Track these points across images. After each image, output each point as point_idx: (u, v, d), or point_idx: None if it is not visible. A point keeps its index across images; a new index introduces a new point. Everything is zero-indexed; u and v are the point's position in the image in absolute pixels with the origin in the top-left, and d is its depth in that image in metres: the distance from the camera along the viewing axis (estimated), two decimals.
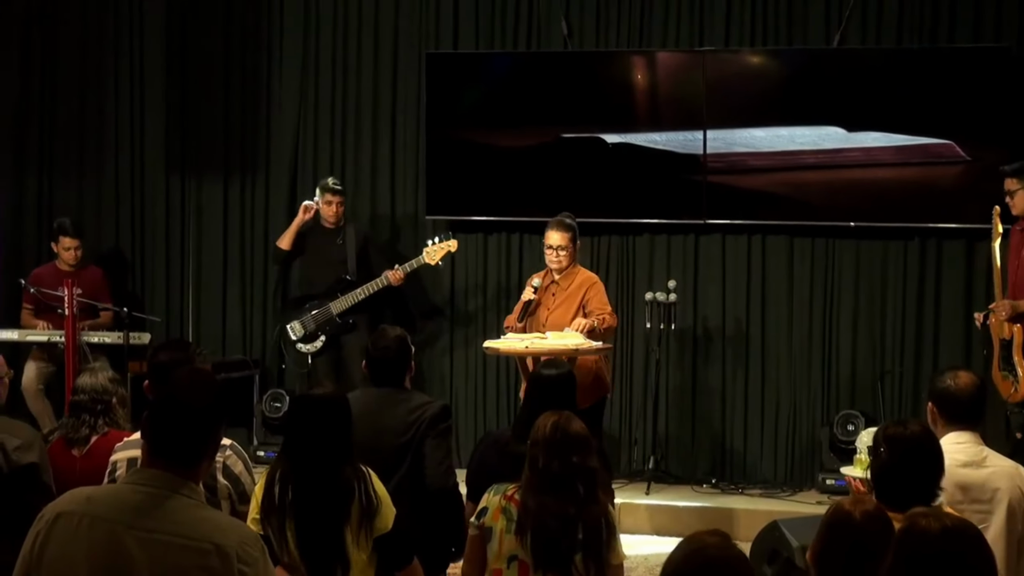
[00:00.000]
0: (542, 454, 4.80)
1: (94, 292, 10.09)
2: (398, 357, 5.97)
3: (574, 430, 4.84)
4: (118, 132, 11.07)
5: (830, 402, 9.83)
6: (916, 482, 4.41)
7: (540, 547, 4.72)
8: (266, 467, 4.97)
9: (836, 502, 3.93)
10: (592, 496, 4.77)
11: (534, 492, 4.77)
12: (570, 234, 8.61)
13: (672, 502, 9.23)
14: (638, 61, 10.07)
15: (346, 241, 9.93)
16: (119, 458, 5.17)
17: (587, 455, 4.81)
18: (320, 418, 4.88)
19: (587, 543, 4.72)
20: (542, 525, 4.72)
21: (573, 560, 4.71)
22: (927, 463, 4.48)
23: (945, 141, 9.43)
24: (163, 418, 3.54)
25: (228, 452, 5.09)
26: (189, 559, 3.38)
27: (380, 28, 10.60)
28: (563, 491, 4.73)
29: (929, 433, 4.62)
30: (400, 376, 5.99)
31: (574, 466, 4.75)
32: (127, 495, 3.50)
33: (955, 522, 3.32)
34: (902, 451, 4.45)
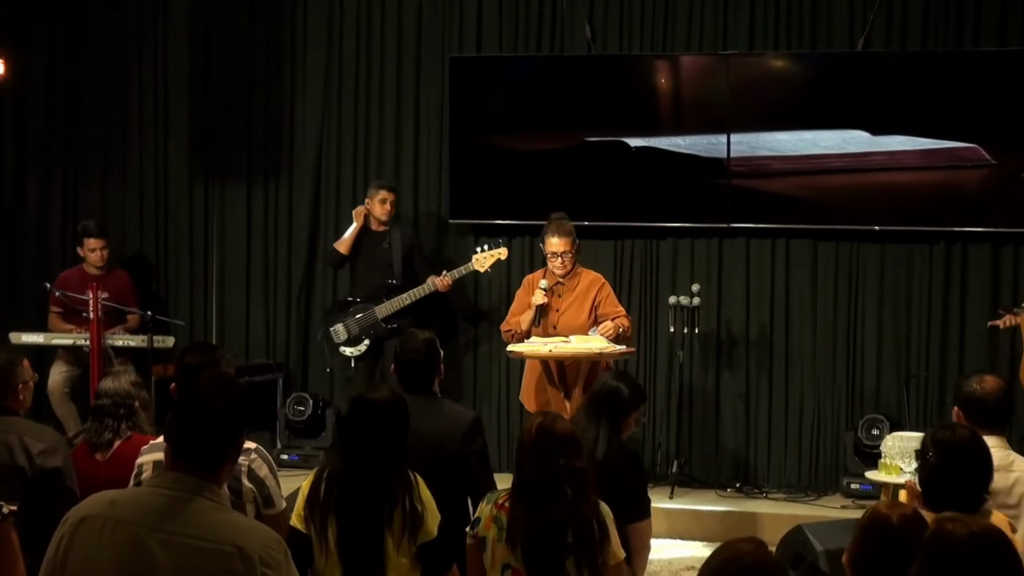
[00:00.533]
0: (527, 459, 4.78)
1: (121, 295, 10.12)
2: (426, 361, 5.95)
3: (559, 430, 4.80)
4: (142, 136, 11.10)
5: (854, 406, 9.80)
6: (964, 487, 4.40)
7: (530, 554, 4.70)
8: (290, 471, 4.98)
9: (872, 506, 3.93)
10: (581, 497, 4.73)
11: (521, 499, 4.75)
12: (571, 238, 8.59)
13: (696, 506, 9.21)
14: (662, 65, 10.06)
15: (392, 244, 9.92)
16: (145, 461, 5.17)
17: (574, 456, 4.76)
18: (377, 421, 4.88)
19: (578, 546, 4.69)
20: (530, 532, 4.69)
21: (564, 565, 4.69)
22: (976, 467, 4.46)
23: (970, 145, 9.40)
24: (186, 421, 3.55)
25: (253, 456, 5.10)
26: (212, 562, 3.38)
27: (403, 32, 10.61)
28: (550, 495, 4.70)
29: (977, 437, 4.59)
30: (429, 380, 5.96)
31: (560, 468, 4.71)
32: (150, 498, 3.50)
33: (982, 527, 3.31)
34: (950, 455, 4.43)
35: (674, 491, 9.44)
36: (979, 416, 5.10)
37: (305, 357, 10.83)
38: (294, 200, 10.89)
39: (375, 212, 9.99)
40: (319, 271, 10.84)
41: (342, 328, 9.94)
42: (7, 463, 5.42)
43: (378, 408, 4.94)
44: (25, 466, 5.45)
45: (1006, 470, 5.00)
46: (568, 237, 8.57)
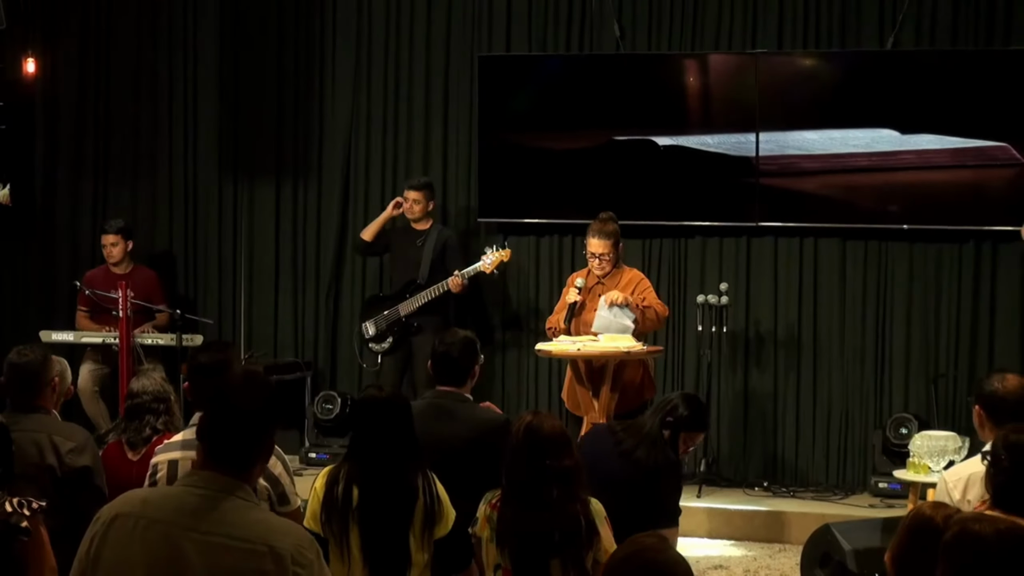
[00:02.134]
0: (513, 462, 4.79)
1: (147, 293, 10.15)
2: (461, 356, 5.95)
3: (546, 431, 4.80)
4: (172, 135, 11.14)
5: (883, 405, 9.77)
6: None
7: (516, 555, 4.70)
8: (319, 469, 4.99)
9: (917, 506, 3.93)
10: (568, 497, 4.73)
11: (508, 500, 4.76)
12: (611, 240, 8.58)
13: (724, 505, 9.20)
14: (690, 63, 10.05)
15: (426, 243, 9.95)
16: (160, 460, 5.19)
17: (561, 456, 4.77)
18: (381, 419, 4.91)
19: (563, 546, 4.69)
20: (516, 533, 4.70)
21: (549, 565, 4.69)
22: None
23: (1000, 144, 9.36)
24: (220, 421, 3.56)
25: None
26: (244, 561, 3.39)
27: (432, 31, 10.62)
28: (536, 497, 4.70)
29: None
30: (462, 377, 5.96)
31: (546, 470, 4.72)
32: (183, 497, 3.51)
33: (1008, 526, 3.30)
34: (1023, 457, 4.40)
35: (702, 490, 9.43)
36: (1000, 415, 5.08)
37: (334, 355, 10.85)
38: (323, 198, 10.92)
39: (405, 211, 10.03)
40: (348, 269, 10.87)
41: (371, 324, 10.00)
42: (37, 462, 5.44)
43: (380, 405, 4.97)
44: (55, 465, 5.48)
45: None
46: (608, 239, 8.57)
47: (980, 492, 4.78)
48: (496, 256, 9.60)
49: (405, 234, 10.10)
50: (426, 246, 9.95)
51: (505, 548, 4.73)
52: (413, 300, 9.83)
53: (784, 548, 8.70)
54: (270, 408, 3.60)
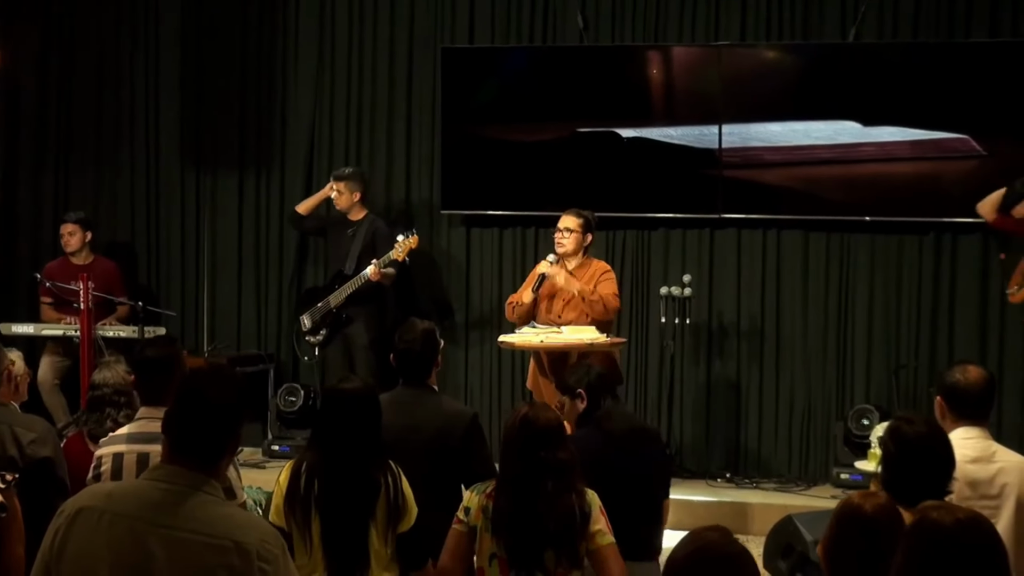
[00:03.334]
0: (509, 453, 4.79)
1: (107, 285, 10.11)
2: (424, 350, 5.94)
3: (542, 423, 4.80)
4: (134, 126, 11.10)
5: (845, 396, 9.82)
6: (926, 478, 4.41)
7: (511, 545, 4.71)
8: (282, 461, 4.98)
9: (846, 496, 3.91)
10: (563, 488, 4.74)
11: (503, 491, 4.76)
12: (581, 220, 8.68)
13: (687, 496, 9.20)
14: (654, 55, 10.06)
15: (357, 234, 9.95)
16: (104, 453, 5.16)
17: (556, 447, 4.77)
18: (349, 412, 4.90)
19: (557, 537, 4.70)
20: (511, 524, 4.71)
21: (543, 556, 4.70)
22: (936, 458, 4.47)
23: (961, 136, 9.41)
24: (191, 415, 3.53)
25: None
26: (210, 557, 3.38)
27: (396, 22, 10.61)
28: (530, 489, 4.71)
29: (936, 428, 4.62)
30: (426, 370, 5.96)
31: (540, 462, 4.72)
32: (149, 492, 3.49)
33: (967, 515, 3.31)
34: (910, 447, 4.44)
35: None
36: (962, 406, 5.11)
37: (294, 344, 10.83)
38: (286, 190, 10.89)
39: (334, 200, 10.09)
40: (310, 261, 10.85)
41: (307, 317, 10.04)
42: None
43: (349, 398, 4.96)
44: (16, 456, 5.44)
45: (988, 461, 5.00)
46: (576, 218, 8.70)
47: None
48: (406, 243, 9.57)
49: (339, 225, 10.12)
50: (357, 237, 9.95)
51: (501, 538, 4.73)
52: (341, 291, 9.84)
53: (747, 539, 8.69)
54: (238, 402, 3.58)
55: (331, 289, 9.93)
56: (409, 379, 5.95)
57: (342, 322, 9.91)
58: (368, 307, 9.85)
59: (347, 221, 10.06)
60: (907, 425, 4.53)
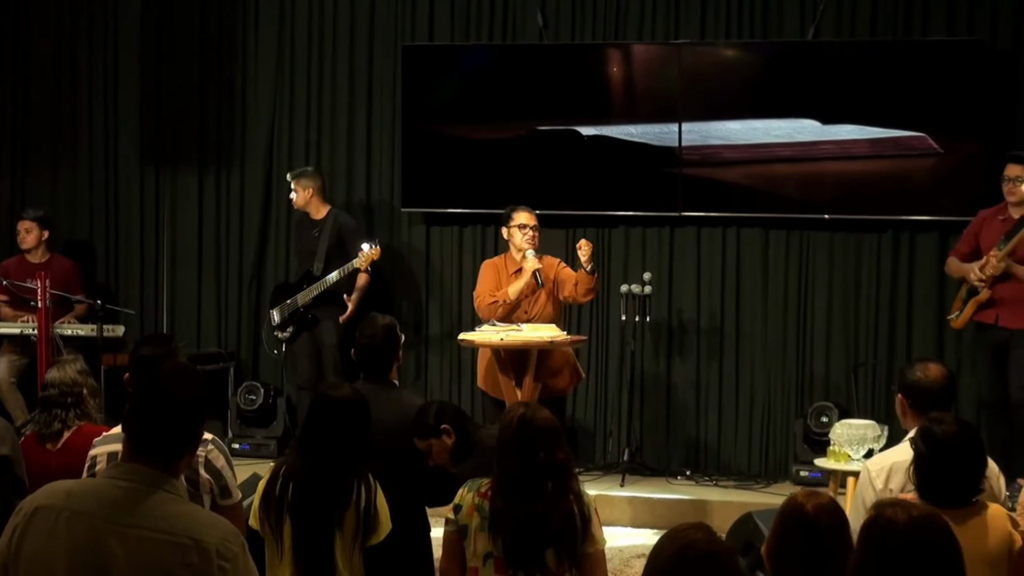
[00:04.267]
0: (508, 453, 4.77)
1: (64, 283, 10.05)
2: (384, 345, 5.96)
3: (540, 422, 4.77)
4: (92, 124, 11.04)
5: (804, 394, 9.85)
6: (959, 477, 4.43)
7: (510, 546, 4.70)
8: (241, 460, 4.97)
9: (790, 496, 3.89)
10: (562, 488, 4.72)
11: (502, 491, 4.73)
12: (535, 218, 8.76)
13: (647, 494, 9.24)
14: (614, 54, 10.07)
15: (322, 233, 9.94)
16: (98, 453, 5.14)
17: (555, 448, 4.74)
18: (337, 419, 4.90)
19: (558, 538, 4.68)
20: (511, 524, 4.69)
21: (544, 555, 4.70)
22: (970, 457, 4.47)
23: (918, 134, 9.45)
24: (147, 412, 3.51)
25: (210, 447, 5.09)
26: (168, 555, 3.36)
27: (356, 20, 10.59)
28: (530, 489, 4.68)
29: (970, 427, 4.61)
30: (387, 365, 5.98)
31: (541, 462, 4.69)
32: (107, 490, 3.47)
33: (922, 512, 3.33)
34: (945, 447, 4.43)
35: (625, 479, 9.46)
36: (923, 404, 5.12)
37: (256, 346, 10.80)
38: (245, 188, 10.87)
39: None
40: (270, 260, 10.83)
41: (276, 312, 10.04)
42: None
43: (339, 406, 4.95)
44: None
45: None
46: (534, 213, 8.73)
47: (902, 481, 4.82)
48: (368, 254, 9.57)
49: (305, 225, 10.12)
50: (322, 236, 9.94)
51: (499, 537, 4.71)
52: (308, 291, 9.84)
53: None
54: (199, 399, 3.58)
55: (299, 288, 9.92)
56: (370, 374, 5.96)
57: (308, 322, 9.90)
58: (336, 307, 9.83)
59: (312, 221, 10.04)
60: (938, 426, 4.50)
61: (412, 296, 10.59)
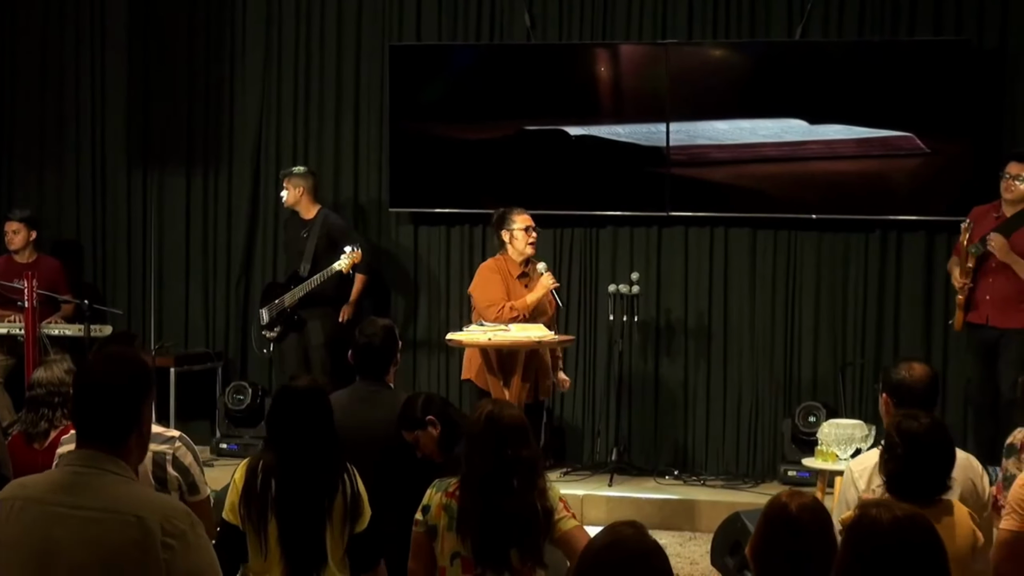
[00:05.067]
0: (475, 451, 4.77)
1: (51, 283, 10.04)
2: (383, 346, 5.98)
3: (507, 420, 4.78)
4: (79, 123, 11.03)
5: (792, 394, 9.85)
6: (932, 473, 4.47)
7: (478, 545, 4.70)
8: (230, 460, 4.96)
9: (774, 496, 3.89)
10: (528, 486, 4.72)
11: (469, 490, 4.74)
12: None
13: (635, 494, 9.24)
14: (601, 53, 10.08)
15: (311, 233, 9.95)
16: (64, 450, 5.14)
17: (521, 445, 4.74)
18: (299, 410, 4.90)
19: (521, 536, 4.69)
20: (477, 523, 4.69)
21: (510, 555, 4.69)
22: (941, 455, 4.51)
23: (905, 134, 9.46)
24: (82, 400, 3.58)
25: (178, 443, 5.10)
26: (111, 533, 3.40)
27: (343, 20, 10.59)
28: (497, 488, 4.69)
29: (941, 425, 4.64)
30: (385, 366, 6.00)
31: (507, 460, 4.70)
32: (59, 476, 3.56)
33: (905, 512, 3.33)
34: (917, 444, 4.47)
35: (613, 479, 9.46)
36: (907, 403, 5.13)
37: (244, 346, 10.80)
38: (233, 188, 10.86)
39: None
40: (258, 259, 10.82)
41: (265, 311, 10.05)
42: None
43: (299, 396, 4.96)
44: None
45: None
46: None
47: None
48: (350, 258, 9.58)
49: (294, 225, 10.14)
50: (310, 236, 9.96)
51: (467, 537, 4.71)
52: (295, 292, 9.86)
53: (694, 536, 8.75)
54: (132, 382, 3.58)
55: (287, 288, 9.92)
56: (367, 375, 5.97)
57: (295, 323, 9.91)
58: (324, 308, 9.87)
59: (301, 220, 10.04)
60: (914, 422, 4.53)
61: (400, 296, 10.59)
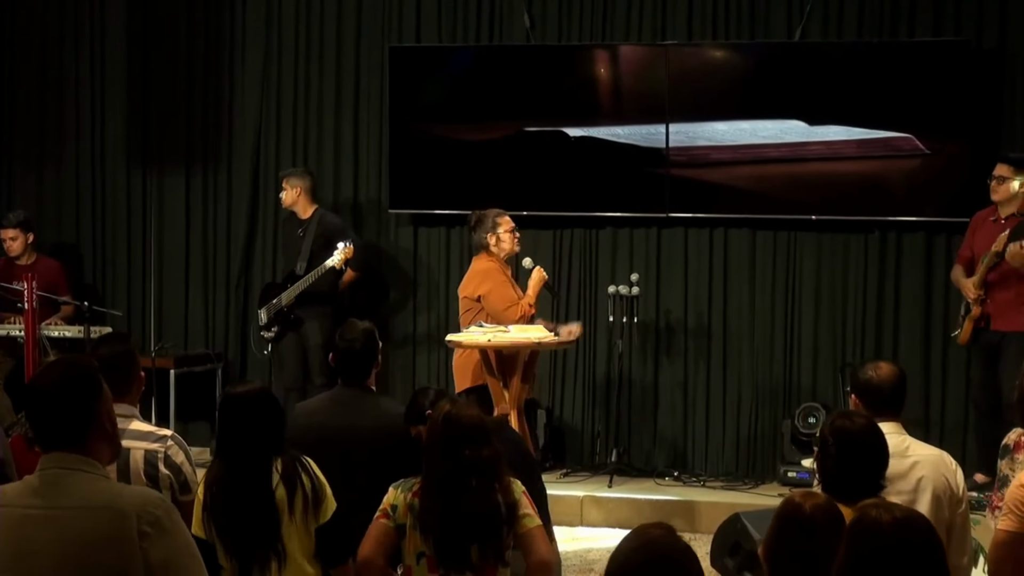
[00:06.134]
0: (433, 452, 4.78)
1: (50, 284, 10.04)
2: (364, 350, 5.96)
3: (465, 420, 4.78)
4: (79, 123, 11.03)
5: (791, 395, 9.85)
6: (865, 473, 4.47)
7: (438, 543, 4.71)
8: None
9: (786, 496, 3.92)
10: (487, 486, 4.73)
11: (428, 490, 4.75)
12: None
13: (634, 495, 9.24)
14: (601, 55, 10.08)
15: (307, 233, 9.95)
16: None
17: (480, 445, 4.74)
18: (245, 413, 4.90)
19: (482, 534, 4.69)
20: (436, 523, 4.70)
21: (470, 553, 4.70)
22: (874, 455, 4.52)
23: (905, 135, 9.47)
24: (35, 410, 3.62)
25: (170, 443, 5.10)
26: (87, 528, 3.42)
27: (343, 21, 10.59)
28: (455, 488, 4.69)
29: (874, 425, 4.65)
30: (366, 370, 5.97)
31: (465, 460, 4.70)
32: (32, 481, 3.57)
33: (904, 512, 3.34)
34: (850, 444, 4.49)
35: (613, 480, 9.46)
36: (875, 402, 5.17)
37: (244, 347, 10.79)
38: (233, 189, 10.86)
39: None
40: (257, 260, 10.82)
41: (263, 312, 10.06)
42: None
43: (243, 400, 4.96)
44: None
45: (902, 456, 5.03)
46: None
47: None
48: (342, 253, 9.59)
49: (291, 224, 10.15)
50: (307, 235, 9.96)
51: (429, 536, 4.72)
52: (291, 291, 9.86)
53: (694, 537, 8.72)
54: (80, 384, 3.59)
55: (283, 288, 9.93)
56: (348, 379, 5.96)
57: (292, 322, 9.91)
58: (322, 307, 9.87)
59: (298, 220, 10.05)
60: (847, 421, 4.58)
61: (400, 297, 10.59)
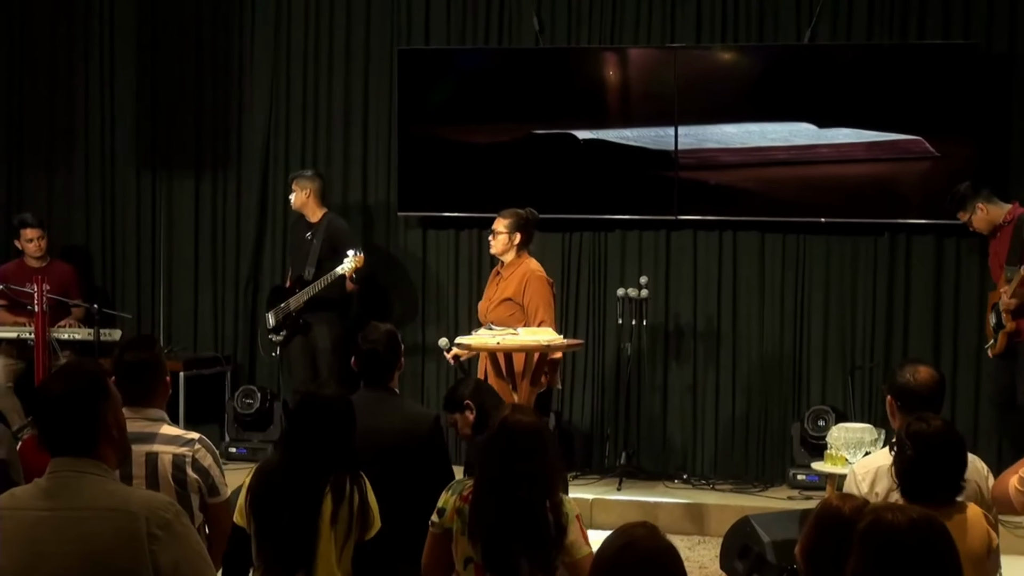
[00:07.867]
0: (487, 457, 4.76)
1: (63, 287, 10.06)
2: (387, 352, 5.94)
3: (522, 429, 4.73)
4: (88, 126, 11.04)
5: (801, 397, 9.85)
6: (944, 476, 4.49)
7: (487, 551, 4.69)
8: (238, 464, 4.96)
9: (825, 498, 3.98)
10: (539, 497, 4.68)
11: (480, 495, 4.72)
12: (508, 221, 8.61)
13: (644, 497, 9.24)
14: (610, 57, 10.08)
15: (315, 236, 9.94)
16: None
17: (534, 455, 4.69)
18: (323, 418, 4.90)
19: (532, 546, 4.66)
20: (486, 530, 4.68)
21: (519, 565, 4.67)
22: (953, 456, 4.54)
23: (914, 137, 9.46)
24: (44, 416, 3.63)
25: (197, 446, 5.07)
26: (97, 530, 3.44)
27: (352, 23, 10.59)
28: (507, 496, 4.66)
29: (951, 427, 4.67)
30: (389, 372, 5.96)
31: (518, 469, 4.66)
32: (42, 484, 3.59)
33: (920, 515, 3.34)
34: (927, 446, 4.50)
35: (622, 483, 9.46)
36: (912, 406, 5.14)
37: (253, 350, 10.79)
38: (242, 192, 10.86)
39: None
40: (267, 263, 10.82)
41: (271, 315, 10.04)
42: None
43: (325, 404, 4.95)
44: None
45: None
46: (506, 219, 8.62)
47: (888, 484, 4.83)
48: (353, 261, 9.58)
49: (302, 227, 10.14)
50: (315, 239, 9.95)
51: (477, 542, 4.70)
52: (299, 296, 9.85)
53: (703, 540, 8.75)
54: (88, 390, 3.61)
55: (292, 292, 9.93)
56: (371, 382, 5.95)
57: (301, 327, 9.90)
58: (331, 311, 9.86)
59: (307, 223, 10.05)
60: (924, 425, 4.57)
61: (408, 300, 10.58)
